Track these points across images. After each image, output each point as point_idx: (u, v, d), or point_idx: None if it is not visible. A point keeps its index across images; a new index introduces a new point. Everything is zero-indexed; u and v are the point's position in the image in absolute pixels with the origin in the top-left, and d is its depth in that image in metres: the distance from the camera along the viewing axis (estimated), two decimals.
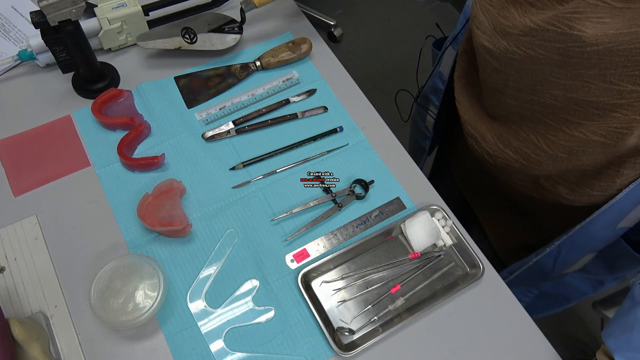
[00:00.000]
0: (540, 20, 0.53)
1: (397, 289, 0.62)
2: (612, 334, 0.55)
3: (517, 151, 0.68)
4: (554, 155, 0.63)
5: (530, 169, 0.68)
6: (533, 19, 0.54)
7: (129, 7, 0.75)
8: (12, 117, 0.73)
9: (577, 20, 0.50)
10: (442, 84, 0.87)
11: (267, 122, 0.74)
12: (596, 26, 0.49)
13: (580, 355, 1.42)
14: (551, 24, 0.52)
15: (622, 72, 0.50)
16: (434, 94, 0.90)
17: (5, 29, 0.82)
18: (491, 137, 0.71)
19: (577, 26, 0.50)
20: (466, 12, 0.77)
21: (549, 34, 0.53)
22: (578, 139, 0.59)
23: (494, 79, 0.66)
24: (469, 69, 0.76)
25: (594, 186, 0.65)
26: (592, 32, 0.49)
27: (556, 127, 0.61)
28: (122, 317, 0.55)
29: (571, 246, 0.70)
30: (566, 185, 0.68)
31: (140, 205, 0.63)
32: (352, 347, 0.57)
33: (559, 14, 0.51)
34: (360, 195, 0.69)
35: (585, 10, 0.49)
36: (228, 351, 0.58)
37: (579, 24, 0.50)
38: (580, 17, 0.50)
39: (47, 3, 0.61)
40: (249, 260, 0.64)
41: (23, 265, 0.62)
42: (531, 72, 0.59)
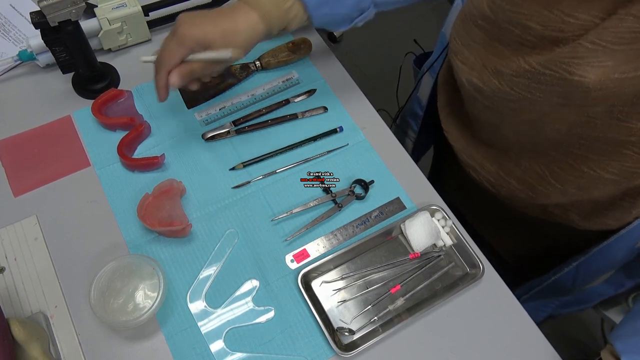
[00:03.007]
0: (536, 63, 0.50)
1: (397, 289, 0.62)
2: (621, 337, 0.55)
3: (521, 181, 0.64)
4: (563, 189, 0.60)
5: (537, 200, 0.65)
6: (528, 59, 0.51)
7: (129, 8, 0.75)
8: (12, 117, 0.73)
9: (577, 66, 0.47)
10: (420, 110, 0.85)
11: (267, 122, 0.74)
12: (598, 70, 0.46)
13: (580, 355, 1.42)
14: (548, 68, 0.49)
15: (631, 110, 0.47)
16: (413, 119, 0.87)
17: (5, 29, 0.82)
18: (490, 165, 0.68)
19: (578, 72, 0.47)
20: (442, 40, 0.74)
21: (546, 77, 0.50)
22: (588, 175, 0.56)
23: (487, 115, 0.63)
24: (453, 99, 0.73)
25: (609, 216, 0.62)
26: (594, 77, 0.46)
27: (561, 159, 0.58)
28: (122, 317, 0.55)
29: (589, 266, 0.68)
30: (578, 214, 0.65)
31: (140, 206, 0.63)
32: (352, 347, 0.57)
33: (555, 58, 0.48)
34: (360, 195, 0.69)
35: (585, 55, 0.46)
36: (228, 351, 0.58)
37: (580, 69, 0.47)
38: (579, 62, 0.47)
39: (47, 3, 0.61)
40: (249, 260, 0.64)
41: (23, 265, 0.62)
42: (529, 111, 0.55)
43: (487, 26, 0.54)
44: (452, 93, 0.72)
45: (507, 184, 0.66)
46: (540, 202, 0.66)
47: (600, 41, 0.45)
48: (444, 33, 0.73)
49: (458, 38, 0.59)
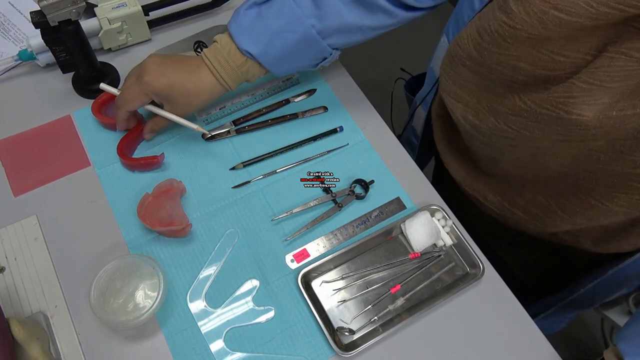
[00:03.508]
0: (531, 102, 0.49)
1: (397, 289, 0.62)
2: (625, 338, 0.54)
3: (527, 212, 0.63)
4: (571, 220, 0.59)
5: (546, 229, 0.64)
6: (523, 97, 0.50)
7: (129, 7, 0.75)
8: (12, 117, 0.73)
9: (573, 105, 0.46)
10: (415, 140, 0.84)
11: (267, 122, 0.74)
12: (595, 108, 0.45)
13: (580, 355, 1.42)
14: (544, 107, 0.48)
15: (633, 143, 0.46)
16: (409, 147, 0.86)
17: (4, 28, 0.82)
18: (494, 196, 0.67)
19: (575, 110, 0.46)
20: (431, 76, 0.73)
21: (543, 117, 0.49)
22: (597, 207, 0.55)
23: (486, 151, 0.62)
24: (449, 133, 0.72)
25: (622, 243, 0.61)
26: (592, 115, 0.45)
27: (567, 191, 0.57)
28: (122, 317, 0.55)
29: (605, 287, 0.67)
30: (589, 239, 0.64)
31: (140, 205, 0.63)
32: (352, 347, 0.57)
33: (550, 98, 0.47)
34: (360, 195, 0.69)
35: (580, 94, 0.45)
36: (228, 351, 0.58)
37: (577, 107, 0.46)
38: (575, 101, 0.46)
39: (47, 3, 0.61)
40: (249, 260, 0.64)
41: (23, 265, 0.62)
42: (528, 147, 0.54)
43: (475, 67, 0.53)
44: (448, 126, 0.71)
45: (512, 214, 0.66)
46: (549, 231, 0.65)
47: (593, 80, 0.44)
48: (432, 68, 0.72)
49: (448, 78, 0.58)
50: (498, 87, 0.52)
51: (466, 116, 0.58)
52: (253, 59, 0.63)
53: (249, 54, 0.62)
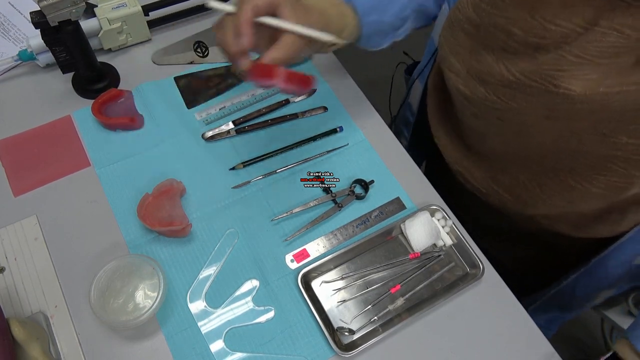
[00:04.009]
0: (520, 73, 0.50)
1: (397, 289, 0.62)
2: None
3: (509, 191, 0.64)
4: (551, 202, 0.60)
5: (525, 210, 0.65)
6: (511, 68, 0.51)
7: (129, 7, 0.75)
8: (12, 117, 0.73)
9: (562, 78, 0.47)
10: (411, 116, 0.84)
11: (267, 122, 0.74)
12: (583, 83, 0.46)
13: (580, 355, 1.42)
14: (533, 80, 0.49)
15: (616, 126, 0.47)
16: (405, 126, 0.86)
17: (4, 28, 0.82)
18: (479, 173, 0.68)
19: (563, 84, 0.47)
20: (430, 46, 0.74)
21: (531, 89, 0.50)
22: (576, 189, 0.56)
23: (474, 123, 0.63)
24: (443, 105, 0.72)
25: (598, 229, 0.62)
26: (580, 90, 0.46)
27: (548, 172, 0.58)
28: (122, 317, 0.55)
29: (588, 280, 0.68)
30: (567, 225, 0.65)
31: (140, 206, 0.63)
32: (352, 347, 0.57)
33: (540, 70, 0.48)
34: (360, 195, 0.69)
35: (569, 68, 0.46)
36: (228, 351, 0.58)
37: (565, 81, 0.47)
38: (564, 74, 0.47)
39: (47, 3, 0.61)
40: (249, 260, 0.64)
41: (23, 265, 0.62)
42: (514, 122, 0.55)
43: (472, 30, 0.54)
44: (443, 98, 0.71)
45: (495, 192, 0.66)
46: (528, 213, 0.65)
47: (584, 54, 0.45)
48: (432, 38, 0.73)
49: (446, 45, 0.59)
50: (489, 55, 0.53)
51: (457, 86, 0.58)
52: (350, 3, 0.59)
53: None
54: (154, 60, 0.80)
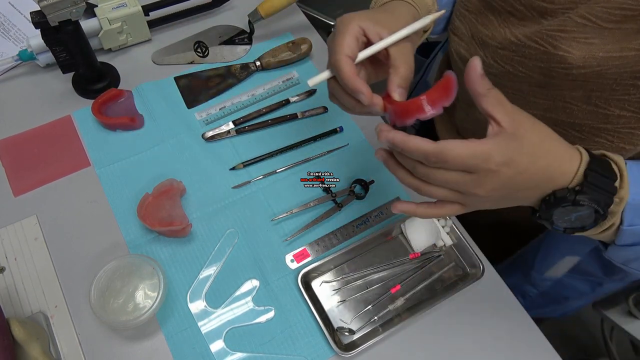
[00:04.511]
0: (522, 35, 0.50)
1: (397, 289, 0.62)
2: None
3: None
4: None
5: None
6: (514, 31, 0.51)
7: (129, 7, 0.75)
8: (12, 117, 0.73)
9: (563, 40, 0.46)
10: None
11: (267, 122, 0.74)
12: (583, 47, 0.45)
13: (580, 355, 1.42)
14: (533, 41, 0.49)
15: (609, 96, 0.47)
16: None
17: (4, 28, 0.82)
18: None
19: (563, 46, 0.46)
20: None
21: (530, 50, 0.49)
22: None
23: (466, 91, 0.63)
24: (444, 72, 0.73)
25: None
26: (578, 53, 0.45)
27: None
28: (122, 317, 0.55)
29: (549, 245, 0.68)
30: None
31: (140, 205, 0.63)
32: (352, 347, 0.57)
33: (542, 30, 0.48)
34: (360, 195, 0.69)
35: (572, 30, 0.46)
36: (228, 351, 0.58)
37: (565, 43, 0.46)
38: (566, 36, 0.46)
39: (47, 3, 0.61)
40: (249, 260, 0.64)
41: (23, 265, 0.62)
42: (507, 89, 0.54)
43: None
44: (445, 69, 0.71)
45: None
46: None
47: (590, 16, 0.44)
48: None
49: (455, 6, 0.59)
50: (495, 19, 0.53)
51: (459, 50, 0.58)
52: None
53: None
54: (154, 60, 0.80)
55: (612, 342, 1.25)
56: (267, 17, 0.78)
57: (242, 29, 0.83)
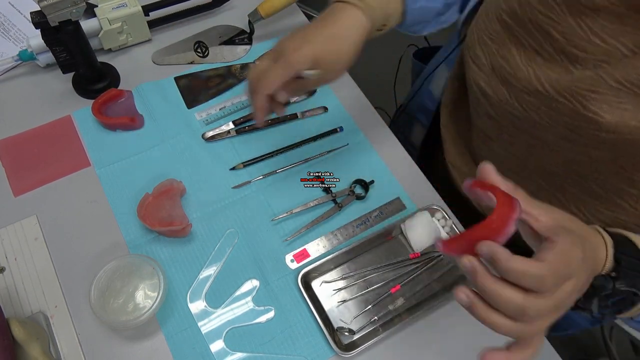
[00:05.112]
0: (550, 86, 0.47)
1: (397, 289, 0.62)
2: None
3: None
4: None
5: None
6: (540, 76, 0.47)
7: (129, 7, 0.75)
8: (12, 117, 0.73)
9: (594, 101, 0.43)
10: (432, 104, 0.79)
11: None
12: (615, 112, 0.42)
13: (580, 355, 1.42)
14: (562, 96, 0.46)
15: (637, 162, 0.44)
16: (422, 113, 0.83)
17: (4, 28, 0.82)
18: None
19: (593, 107, 0.43)
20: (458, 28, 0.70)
21: (558, 105, 0.46)
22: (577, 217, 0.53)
23: (486, 124, 0.59)
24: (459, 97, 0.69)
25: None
26: (610, 117, 0.42)
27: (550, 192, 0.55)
28: (122, 317, 0.55)
29: None
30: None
31: (140, 206, 0.63)
32: (352, 347, 0.57)
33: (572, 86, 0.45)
34: (360, 195, 0.69)
35: (605, 92, 0.42)
36: (228, 351, 0.58)
37: (596, 105, 0.43)
38: (597, 97, 0.43)
39: (47, 3, 0.61)
40: (249, 260, 0.64)
41: (23, 265, 0.62)
42: (531, 134, 0.52)
43: (510, 22, 0.50)
44: (461, 90, 0.68)
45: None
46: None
47: (625, 81, 0.41)
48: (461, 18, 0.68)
49: (476, 31, 0.56)
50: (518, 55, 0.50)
51: (478, 81, 0.55)
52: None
53: None
54: (154, 60, 0.80)
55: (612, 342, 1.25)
56: (267, 17, 0.78)
57: (242, 29, 0.83)
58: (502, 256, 0.34)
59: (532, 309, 0.35)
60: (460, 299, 0.38)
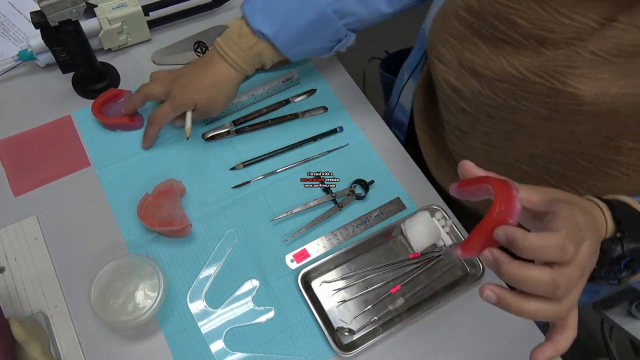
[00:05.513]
0: (524, 69, 0.47)
1: (397, 289, 0.62)
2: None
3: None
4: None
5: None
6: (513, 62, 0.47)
7: (129, 7, 0.75)
8: (12, 117, 0.73)
9: (571, 76, 0.43)
10: (404, 118, 0.81)
11: (267, 122, 0.74)
12: (594, 83, 0.43)
13: (580, 355, 1.42)
14: (538, 76, 0.46)
15: (622, 129, 0.45)
16: (397, 129, 0.84)
17: (4, 28, 0.82)
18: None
19: (572, 82, 0.43)
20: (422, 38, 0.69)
21: (535, 86, 0.46)
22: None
23: (459, 119, 0.59)
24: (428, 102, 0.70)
25: None
26: (589, 90, 0.43)
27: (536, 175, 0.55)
28: (122, 317, 0.55)
29: None
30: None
31: (140, 206, 0.63)
32: (352, 347, 0.57)
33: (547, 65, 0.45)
34: (360, 195, 0.69)
35: (581, 65, 0.43)
36: (228, 351, 0.58)
37: (574, 80, 0.43)
38: (574, 72, 0.43)
39: (47, 3, 0.61)
40: (249, 260, 0.64)
41: (23, 265, 0.62)
42: (509, 121, 0.52)
43: (469, 18, 0.50)
44: (430, 96, 0.69)
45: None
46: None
47: (599, 51, 0.42)
48: (424, 29, 0.67)
49: (435, 32, 0.56)
50: (485, 46, 0.50)
51: (447, 78, 0.55)
52: (267, 40, 0.62)
53: (262, 34, 0.61)
54: (154, 60, 0.80)
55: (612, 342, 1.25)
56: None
57: None
58: (519, 235, 0.34)
59: (563, 280, 0.34)
60: (487, 296, 0.37)
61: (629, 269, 0.42)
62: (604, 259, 0.41)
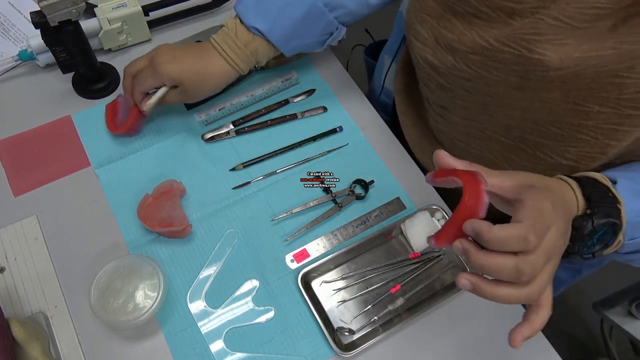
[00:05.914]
0: (493, 39, 0.49)
1: (397, 289, 0.62)
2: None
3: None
4: None
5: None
6: (483, 35, 0.50)
7: (129, 7, 0.75)
8: (12, 117, 0.73)
9: (537, 43, 0.46)
10: (388, 99, 0.83)
11: (267, 122, 0.74)
12: (559, 49, 0.45)
13: (580, 355, 1.42)
14: (506, 45, 0.48)
15: (588, 94, 0.47)
16: (383, 111, 0.86)
17: (4, 28, 0.82)
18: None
19: (538, 49, 0.46)
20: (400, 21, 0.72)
21: (504, 55, 0.49)
22: (545, 162, 0.55)
23: (439, 96, 0.61)
24: (408, 82, 0.72)
25: None
26: (554, 55, 0.45)
27: (514, 145, 0.57)
28: (122, 317, 0.55)
29: None
30: None
31: (140, 206, 0.63)
32: (352, 347, 0.57)
33: (514, 34, 0.47)
34: (360, 195, 0.69)
35: (546, 32, 0.45)
36: (228, 351, 0.58)
37: (540, 46, 0.45)
38: (540, 39, 0.45)
39: (47, 3, 0.61)
40: (249, 260, 0.64)
41: (23, 265, 0.62)
42: (483, 92, 0.54)
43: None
44: (410, 75, 0.71)
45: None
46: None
47: (563, 17, 0.44)
48: (401, 12, 0.71)
49: (412, 12, 0.58)
50: (459, 22, 0.52)
51: (425, 56, 0.58)
52: (261, 36, 0.63)
53: (257, 30, 0.62)
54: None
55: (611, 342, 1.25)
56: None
57: None
58: (484, 228, 0.37)
59: (527, 266, 0.37)
60: (462, 284, 0.40)
61: (601, 242, 0.45)
62: (576, 235, 0.44)
